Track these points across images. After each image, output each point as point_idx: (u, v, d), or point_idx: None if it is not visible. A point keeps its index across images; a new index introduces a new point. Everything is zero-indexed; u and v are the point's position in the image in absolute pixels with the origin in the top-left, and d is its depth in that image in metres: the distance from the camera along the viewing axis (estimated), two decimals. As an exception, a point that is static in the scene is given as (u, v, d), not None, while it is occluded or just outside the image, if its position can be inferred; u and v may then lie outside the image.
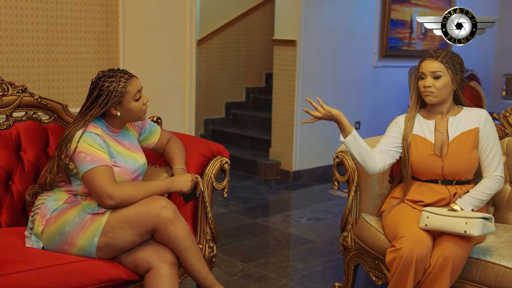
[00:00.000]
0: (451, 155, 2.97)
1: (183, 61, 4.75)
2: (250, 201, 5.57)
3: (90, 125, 2.64)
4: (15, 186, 2.94)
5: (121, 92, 2.64)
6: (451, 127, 3.02)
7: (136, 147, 2.84)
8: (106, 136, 2.68)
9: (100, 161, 2.56)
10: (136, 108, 2.70)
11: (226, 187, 3.07)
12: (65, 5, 3.99)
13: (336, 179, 3.31)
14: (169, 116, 4.37)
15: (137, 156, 2.79)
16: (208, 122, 7.73)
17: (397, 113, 3.22)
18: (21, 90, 3.04)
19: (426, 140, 3.03)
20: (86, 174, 2.55)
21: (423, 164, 3.00)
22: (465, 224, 2.63)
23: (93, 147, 2.58)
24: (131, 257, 2.59)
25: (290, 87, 6.34)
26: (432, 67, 2.96)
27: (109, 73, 2.68)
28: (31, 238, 2.63)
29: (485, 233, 2.67)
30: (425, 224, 2.73)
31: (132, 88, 2.67)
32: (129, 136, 2.84)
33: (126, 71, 2.71)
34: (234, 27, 7.86)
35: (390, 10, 7.16)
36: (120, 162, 2.68)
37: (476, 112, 3.05)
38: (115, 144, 2.71)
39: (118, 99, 2.64)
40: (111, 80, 2.65)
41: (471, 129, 3.00)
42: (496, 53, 8.77)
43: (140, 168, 2.79)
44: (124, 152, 2.73)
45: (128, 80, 2.67)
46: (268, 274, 3.82)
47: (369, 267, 3.21)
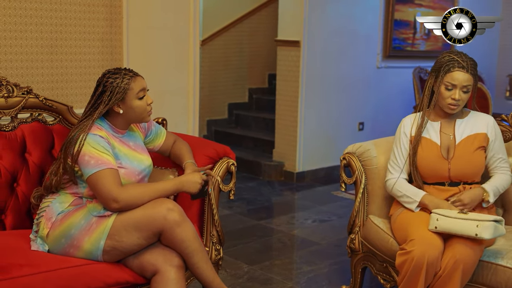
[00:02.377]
0: (458, 158, 2.94)
1: (187, 62, 4.73)
2: (254, 202, 5.54)
3: (94, 126, 2.62)
4: (20, 188, 2.92)
5: (124, 88, 2.61)
6: (459, 129, 3.00)
7: (141, 148, 2.82)
8: (110, 137, 2.65)
9: (105, 164, 2.54)
10: (139, 107, 2.67)
11: (233, 189, 3.04)
12: (69, 6, 3.97)
13: (343, 181, 3.27)
14: (173, 117, 4.34)
15: (142, 158, 2.76)
16: (211, 123, 7.71)
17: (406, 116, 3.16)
18: (26, 91, 3.01)
19: (432, 142, 3.00)
20: (91, 178, 2.53)
21: (430, 166, 2.97)
22: (476, 227, 2.60)
23: (98, 150, 2.55)
24: (137, 260, 2.57)
25: (294, 88, 6.31)
26: (463, 80, 2.87)
27: (114, 71, 2.67)
28: (36, 241, 2.61)
29: (496, 236, 2.64)
30: (434, 226, 2.70)
31: (136, 86, 2.64)
32: (135, 137, 2.81)
33: (131, 70, 2.70)
34: (237, 28, 7.84)
35: (393, 10, 7.14)
36: (125, 163, 2.65)
37: (483, 118, 3.03)
38: (120, 145, 2.68)
39: (121, 96, 2.61)
40: (115, 76, 2.63)
41: (478, 133, 2.98)
42: (499, 53, 8.75)
43: (146, 170, 2.76)
44: (129, 153, 2.71)
45: (132, 77, 2.65)
46: (274, 276, 3.79)
47: (377, 270, 3.18)
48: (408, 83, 7.17)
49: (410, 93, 7.19)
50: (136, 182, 2.69)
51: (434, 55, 7.33)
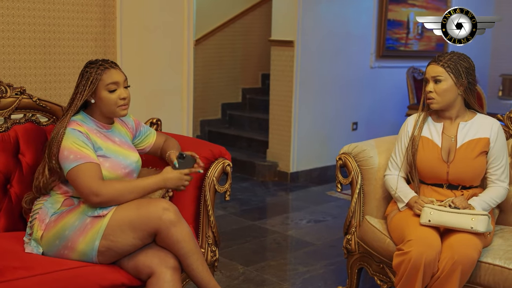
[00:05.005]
0: (458, 162, 2.92)
1: (181, 63, 4.70)
2: (249, 203, 5.52)
3: (74, 122, 2.61)
4: (13, 189, 2.89)
5: (96, 79, 2.61)
6: (461, 132, 2.97)
7: (128, 145, 2.79)
8: (92, 133, 2.63)
9: (84, 158, 2.52)
10: (108, 100, 2.64)
11: (229, 190, 3.03)
12: (62, 6, 3.93)
13: (339, 181, 3.26)
14: (167, 118, 4.31)
15: (128, 153, 2.73)
16: (204, 123, 7.68)
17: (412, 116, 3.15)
18: (19, 92, 2.98)
19: (433, 143, 2.98)
20: (71, 172, 2.52)
21: (429, 167, 2.96)
22: (471, 220, 2.63)
23: (77, 144, 2.54)
24: (132, 262, 2.54)
25: (287, 88, 6.30)
26: (433, 71, 2.92)
27: (94, 61, 2.68)
28: (30, 244, 2.58)
29: (488, 230, 2.67)
30: (428, 220, 2.70)
31: (107, 78, 2.63)
32: (120, 134, 2.79)
33: (111, 62, 2.68)
34: (230, 28, 7.82)
35: (387, 10, 7.13)
36: (110, 156, 2.64)
37: (489, 122, 2.98)
38: (103, 141, 2.67)
39: (93, 86, 2.61)
40: (91, 66, 2.65)
41: (481, 137, 2.94)
42: (492, 53, 8.76)
43: (133, 164, 2.73)
44: (113, 148, 2.69)
45: (106, 69, 2.63)
46: (270, 278, 3.77)
47: (374, 271, 3.17)
48: (401, 83, 7.18)
49: (404, 93, 7.20)
50: (122, 176, 2.66)
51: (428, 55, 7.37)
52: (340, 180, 3.26)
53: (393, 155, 3.10)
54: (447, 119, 3.01)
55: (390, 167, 3.09)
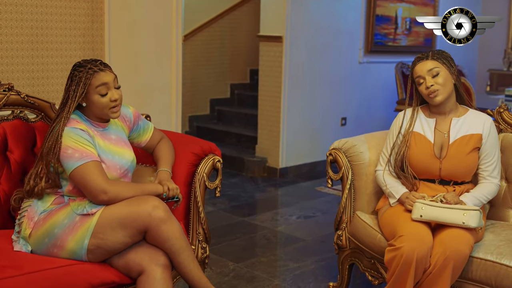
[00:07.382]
0: (450, 158, 2.92)
1: (169, 59, 4.68)
2: (238, 199, 5.51)
3: (73, 121, 2.58)
4: (2, 187, 2.85)
5: (85, 83, 2.56)
6: (454, 128, 2.97)
7: (124, 142, 2.76)
8: (91, 131, 2.60)
9: (89, 156, 2.50)
10: (100, 103, 2.60)
11: (219, 186, 3.01)
12: (50, 1, 3.90)
13: (329, 177, 3.25)
14: (156, 114, 4.28)
15: (123, 152, 2.71)
16: (193, 119, 7.66)
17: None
18: (7, 88, 2.95)
19: (425, 139, 2.97)
20: (76, 171, 2.48)
21: (421, 163, 2.95)
22: (463, 215, 2.64)
23: (80, 142, 2.51)
24: (122, 259, 2.52)
25: (276, 83, 6.29)
26: (426, 67, 2.91)
27: (83, 63, 2.62)
28: (19, 242, 2.55)
29: (480, 225, 2.67)
30: (419, 215, 2.70)
31: (96, 81, 2.57)
32: (117, 131, 2.76)
33: (101, 63, 2.62)
34: (218, 23, 7.80)
35: (375, 6, 7.14)
36: (105, 158, 2.61)
37: (481, 118, 2.99)
38: (100, 140, 2.63)
39: (83, 91, 2.56)
40: (80, 69, 2.59)
41: (473, 133, 2.95)
42: (480, 48, 8.79)
43: (128, 164, 2.71)
44: (109, 147, 2.65)
45: (95, 72, 2.58)
46: (260, 274, 3.76)
47: (365, 267, 3.16)
48: (390, 78, 7.19)
49: (392, 88, 7.20)
50: (118, 177, 2.64)
51: (416, 50, 7.38)
52: (330, 175, 3.26)
53: (384, 150, 3.09)
54: (440, 114, 3.01)
55: (382, 162, 3.08)
